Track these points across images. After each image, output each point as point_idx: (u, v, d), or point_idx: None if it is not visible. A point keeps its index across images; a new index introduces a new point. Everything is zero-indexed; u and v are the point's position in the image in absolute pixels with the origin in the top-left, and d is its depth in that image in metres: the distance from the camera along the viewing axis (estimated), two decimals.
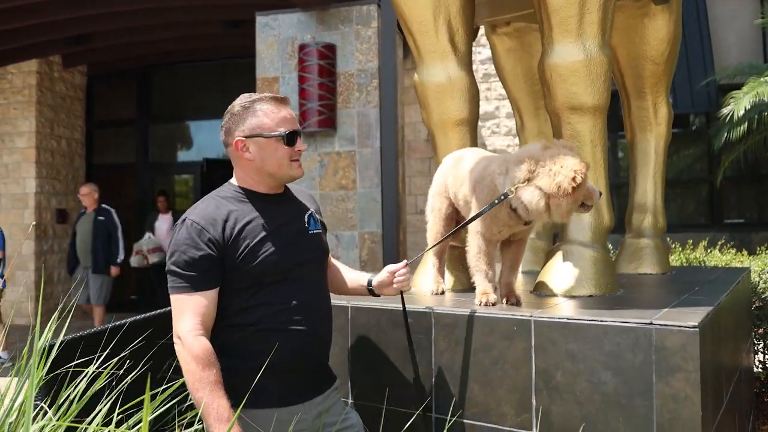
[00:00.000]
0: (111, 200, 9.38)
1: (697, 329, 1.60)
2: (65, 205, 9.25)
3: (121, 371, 1.63)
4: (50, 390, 1.56)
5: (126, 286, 8.81)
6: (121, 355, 1.69)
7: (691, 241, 4.97)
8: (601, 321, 1.73)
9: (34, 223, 8.60)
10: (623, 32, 3.21)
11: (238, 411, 1.40)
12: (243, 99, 1.71)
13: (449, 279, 2.50)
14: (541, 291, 2.28)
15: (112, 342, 1.75)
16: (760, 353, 3.93)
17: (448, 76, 2.59)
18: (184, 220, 1.64)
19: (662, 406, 1.63)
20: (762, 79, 6.19)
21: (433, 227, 2.31)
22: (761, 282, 3.94)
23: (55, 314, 1.67)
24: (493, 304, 2.01)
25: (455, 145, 2.63)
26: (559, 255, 2.32)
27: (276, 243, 1.65)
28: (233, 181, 1.76)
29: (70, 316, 1.87)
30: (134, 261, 7.66)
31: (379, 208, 5.21)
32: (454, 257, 2.51)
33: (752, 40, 7.84)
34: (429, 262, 2.46)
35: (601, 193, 1.94)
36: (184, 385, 1.54)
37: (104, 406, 1.44)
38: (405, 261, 1.90)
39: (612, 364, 1.70)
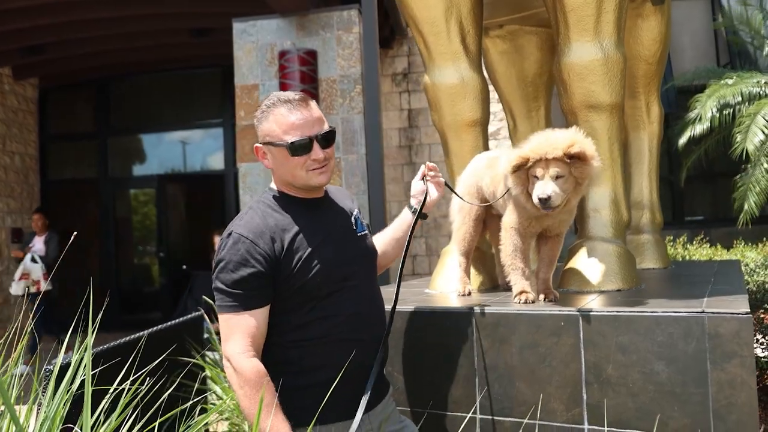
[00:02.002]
0: (70, 219, 8.99)
1: (750, 315, 1.64)
2: (20, 224, 8.83)
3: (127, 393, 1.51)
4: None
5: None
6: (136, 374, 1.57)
7: (671, 238, 5.13)
8: (652, 312, 1.75)
9: None
10: None
11: (309, 428, 1.33)
12: (266, 100, 1.63)
13: (473, 279, 2.49)
14: (567, 287, 2.29)
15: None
16: None
17: (461, 77, 2.59)
18: (230, 233, 1.55)
19: (718, 393, 1.66)
20: (722, 82, 6.48)
21: (462, 227, 2.29)
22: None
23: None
24: (532, 302, 2.00)
25: (468, 146, 2.63)
26: (582, 251, 2.34)
27: (328, 252, 1.58)
28: (273, 185, 1.69)
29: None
30: (17, 288, 6.36)
31: (366, 214, 5.17)
32: (475, 258, 2.50)
33: (706, 43, 8.22)
34: (453, 262, 2.45)
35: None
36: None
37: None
38: (427, 162, 1.90)
39: (665, 353, 1.72)
